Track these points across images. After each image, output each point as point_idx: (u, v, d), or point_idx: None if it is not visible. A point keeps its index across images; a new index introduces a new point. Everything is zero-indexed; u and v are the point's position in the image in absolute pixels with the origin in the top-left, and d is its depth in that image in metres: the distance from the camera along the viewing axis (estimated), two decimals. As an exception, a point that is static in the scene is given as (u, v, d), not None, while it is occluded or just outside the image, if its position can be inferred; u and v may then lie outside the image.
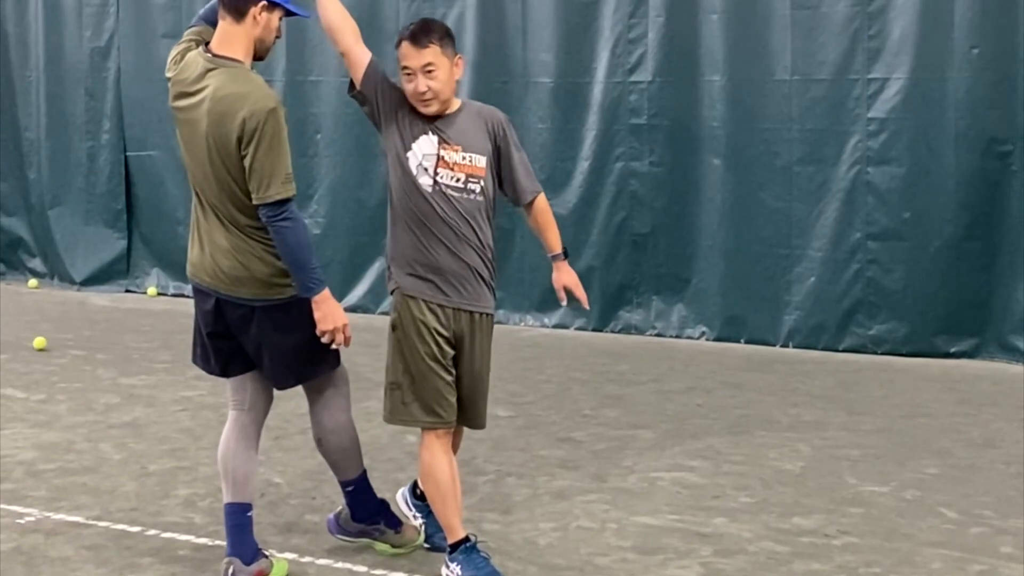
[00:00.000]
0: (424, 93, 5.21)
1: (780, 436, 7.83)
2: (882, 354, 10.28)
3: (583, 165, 11.36)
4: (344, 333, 5.22)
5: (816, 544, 5.89)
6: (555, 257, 5.61)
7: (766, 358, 10.30)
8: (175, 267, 13.23)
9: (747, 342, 10.80)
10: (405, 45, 5.24)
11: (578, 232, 11.20)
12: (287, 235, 5.06)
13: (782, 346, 10.67)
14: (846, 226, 10.39)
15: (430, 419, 5.31)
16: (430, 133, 5.27)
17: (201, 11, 5.61)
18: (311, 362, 5.38)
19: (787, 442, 7.68)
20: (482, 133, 5.35)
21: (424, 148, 5.25)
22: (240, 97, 5.02)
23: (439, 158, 5.24)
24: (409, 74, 5.23)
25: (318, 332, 5.20)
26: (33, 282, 14.18)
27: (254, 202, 5.05)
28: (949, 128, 10.04)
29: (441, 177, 5.24)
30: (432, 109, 5.25)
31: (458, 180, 5.25)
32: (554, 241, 5.57)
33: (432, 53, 5.20)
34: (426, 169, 5.23)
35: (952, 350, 10.16)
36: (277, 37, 5.35)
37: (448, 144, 5.26)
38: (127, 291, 13.64)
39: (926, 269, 10.17)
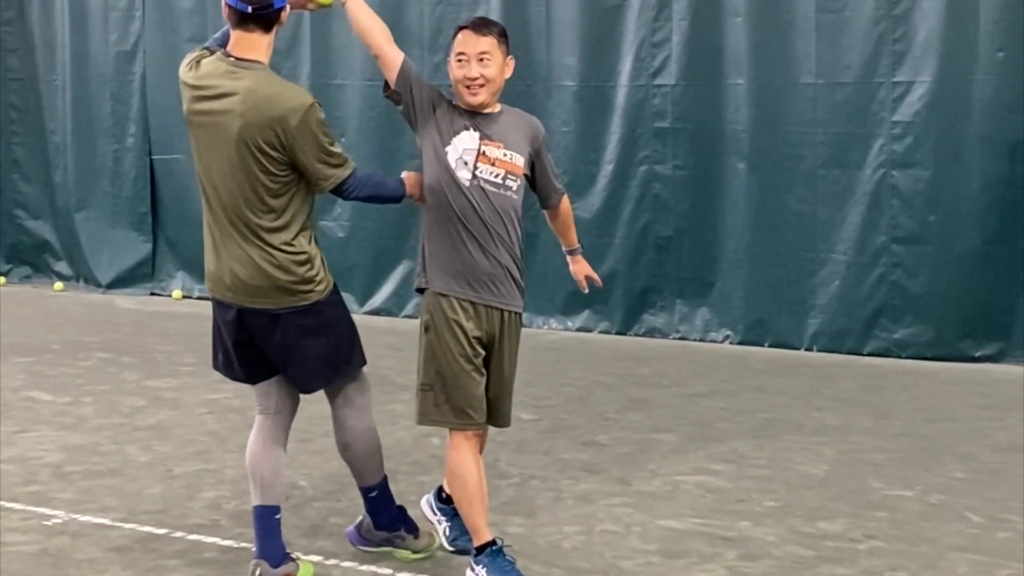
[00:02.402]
0: (476, 79, 5.29)
1: (804, 440, 7.82)
2: (907, 358, 10.26)
3: (607, 168, 11.36)
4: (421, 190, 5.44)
5: (841, 548, 5.88)
6: (574, 251, 5.92)
7: (790, 362, 10.28)
8: (200, 270, 13.06)
9: (771, 346, 10.79)
10: (465, 32, 5.36)
11: (601, 235, 11.21)
12: (367, 196, 5.37)
13: (806, 350, 10.66)
14: (871, 230, 10.37)
15: (461, 420, 5.32)
16: (471, 129, 5.32)
17: (216, 35, 5.56)
18: (337, 365, 5.39)
19: (811, 446, 7.67)
20: (523, 136, 5.43)
21: (465, 143, 5.30)
22: (278, 98, 5.07)
23: (480, 152, 5.29)
24: (462, 60, 5.32)
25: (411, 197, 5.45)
26: (59, 285, 14.24)
27: (326, 188, 5.20)
28: (974, 131, 10.01)
29: (480, 171, 5.28)
30: (479, 98, 5.30)
31: (497, 176, 5.30)
32: (574, 237, 5.90)
33: (489, 43, 5.33)
34: (466, 163, 5.27)
35: (977, 354, 10.14)
36: None
37: (490, 140, 5.32)
38: (152, 294, 13.69)
39: (951, 273, 10.15)
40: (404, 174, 5.44)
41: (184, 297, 13.44)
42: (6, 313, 12.47)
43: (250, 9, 5.14)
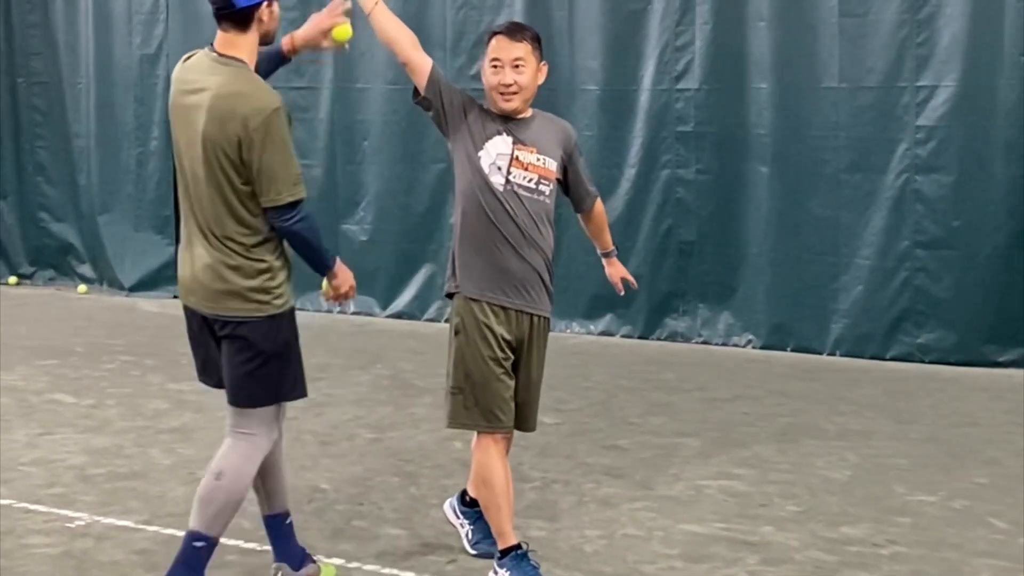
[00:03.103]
0: (510, 86, 5.29)
1: (827, 445, 7.81)
2: (930, 363, 10.22)
3: (629, 172, 11.35)
4: (351, 292, 5.30)
5: (864, 553, 5.87)
6: (609, 254, 5.99)
7: (813, 366, 10.26)
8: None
9: (794, 350, 10.76)
10: (499, 38, 5.36)
11: (624, 239, 11.16)
12: (303, 235, 5.04)
13: (829, 354, 10.62)
14: (894, 234, 10.34)
15: (491, 423, 5.34)
16: (504, 134, 5.33)
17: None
18: (275, 389, 5.15)
19: (834, 451, 7.65)
20: (555, 140, 5.45)
21: (498, 148, 5.31)
22: (243, 96, 4.94)
23: (513, 157, 5.31)
24: (497, 66, 5.32)
25: (332, 296, 5.27)
26: (82, 288, 14.27)
27: (263, 205, 4.96)
28: (998, 136, 9.98)
29: (514, 176, 5.30)
30: (512, 104, 5.31)
31: (530, 180, 5.32)
32: (608, 239, 5.94)
33: (524, 49, 5.33)
34: (499, 168, 5.29)
35: (1001, 359, 10.09)
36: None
37: (523, 145, 5.33)
38: (175, 297, 13.61)
39: (975, 278, 10.11)
40: (340, 263, 5.24)
41: (207, 300, 13.43)
42: (30, 316, 12.53)
43: (212, 7, 5.06)
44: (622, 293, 6.14)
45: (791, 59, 10.66)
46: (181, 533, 6.01)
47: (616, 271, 6.02)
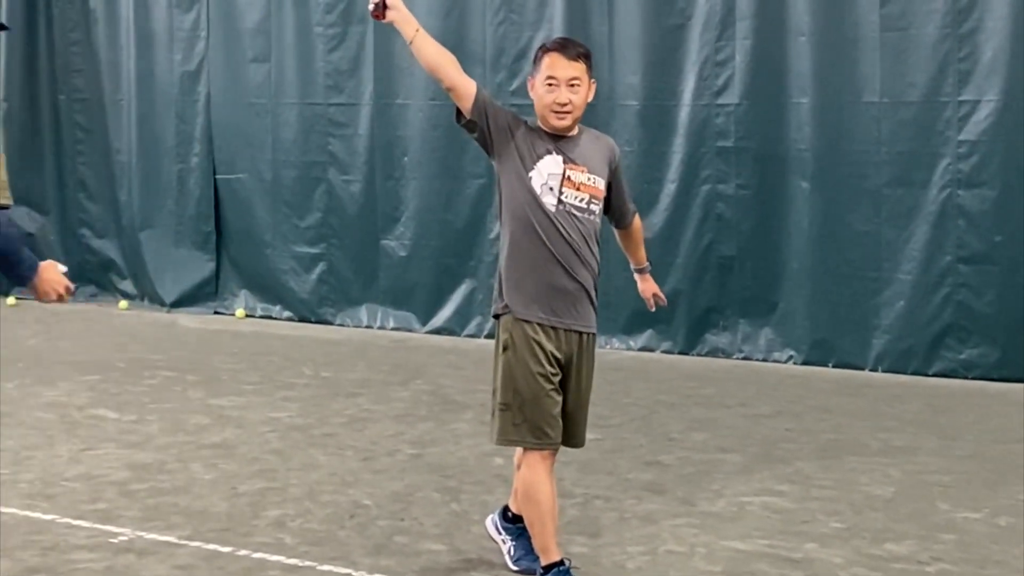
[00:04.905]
0: (565, 105, 5.28)
1: (870, 461, 7.76)
2: (973, 379, 10.17)
3: (670, 188, 11.34)
4: (66, 290, 4.92)
5: (908, 571, 5.83)
6: (643, 270, 6.01)
7: (855, 382, 10.21)
8: (263, 289, 13.36)
9: (835, 366, 10.71)
10: (554, 56, 5.32)
11: (664, 255, 11.16)
12: None
13: (871, 370, 10.57)
14: (936, 249, 10.29)
15: (539, 440, 5.33)
16: (554, 153, 5.32)
17: None
18: None
19: (877, 467, 7.61)
20: (603, 158, 5.46)
21: (549, 167, 5.30)
22: None
23: (565, 177, 5.30)
24: (552, 84, 5.30)
25: (44, 298, 4.86)
26: (123, 304, 14.33)
27: None
28: (1041, 151, 9.94)
29: (566, 196, 5.30)
30: (565, 123, 5.31)
31: (582, 200, 5.32)
32: (643, 255, 5.96)
33: (579, 68, 5.31)
34: (551, 188, 5.28)
35: (1045, 375, 10.03)
36: None
37: (574, 164, 5.32)
38: (216, 313, 13.75)
39: (1018, 293, 10.04)
40: (43, 265, 4.84)
41: (247, 316, 13.50)
42: (72, 331, 12.59)
43: None
44: (653, 309, 6.17)
45: (832, 74, 10.63)
46: (223, 548, 6.09)
47: (649, 287, 6.04)
